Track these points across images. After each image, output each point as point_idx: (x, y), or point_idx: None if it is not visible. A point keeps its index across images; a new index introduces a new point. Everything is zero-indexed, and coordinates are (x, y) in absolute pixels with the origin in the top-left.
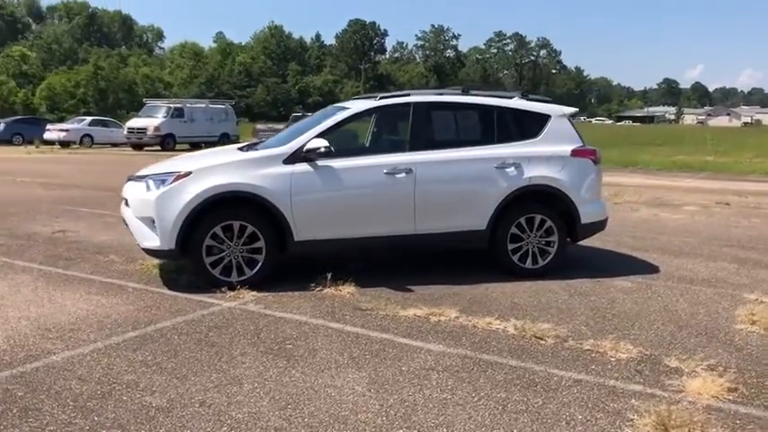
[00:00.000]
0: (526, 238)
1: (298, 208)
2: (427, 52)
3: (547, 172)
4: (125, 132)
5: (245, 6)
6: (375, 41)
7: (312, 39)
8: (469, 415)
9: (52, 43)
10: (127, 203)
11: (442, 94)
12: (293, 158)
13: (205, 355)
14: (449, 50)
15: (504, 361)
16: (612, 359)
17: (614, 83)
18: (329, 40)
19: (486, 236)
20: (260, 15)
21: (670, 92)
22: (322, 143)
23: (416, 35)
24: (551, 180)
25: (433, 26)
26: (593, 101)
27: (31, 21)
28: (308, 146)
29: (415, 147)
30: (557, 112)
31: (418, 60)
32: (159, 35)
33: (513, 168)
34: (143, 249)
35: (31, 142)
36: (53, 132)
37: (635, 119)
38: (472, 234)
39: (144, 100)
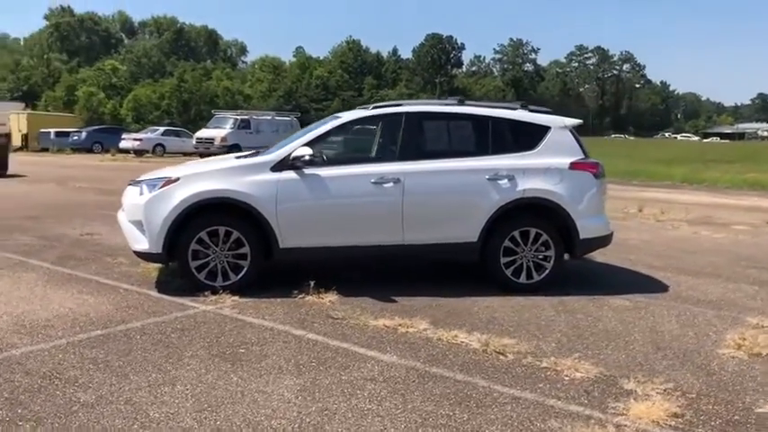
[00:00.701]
0: (520, 251)
1: (283, 215)
2: (505, 66)
3: (542, 185)
4: (194, 142)
5: (324, 22)
6: (452, 55)
7: (389, 53)
8: (384, 426)
9: (142, 57)
10: (123, 207)
11: (436, 105)
12: (280, 166)
13: (156, 356)
14: (527, 64)
15: (452, 375)
16: (566, 378)
17: (703, 98)
18: (406, 54)
19: (477, 248)
20: (339, 30)
21: (764, 108)
22: (306, 151)
23: (494, 49)
24: (547, 193)
25: (511, 39)
26: (679, 116)
27: (123, 36)
28: (294, 154)
29: (405, 156)
30: (557, 123)
31: (496, 74)
32: (243, 50)
33: (506, 180)
34: (134, 252)
35: (108, 150)
36: (128, 141)
37: (723, 135)
38: (463, 246)
39: (213, 111)
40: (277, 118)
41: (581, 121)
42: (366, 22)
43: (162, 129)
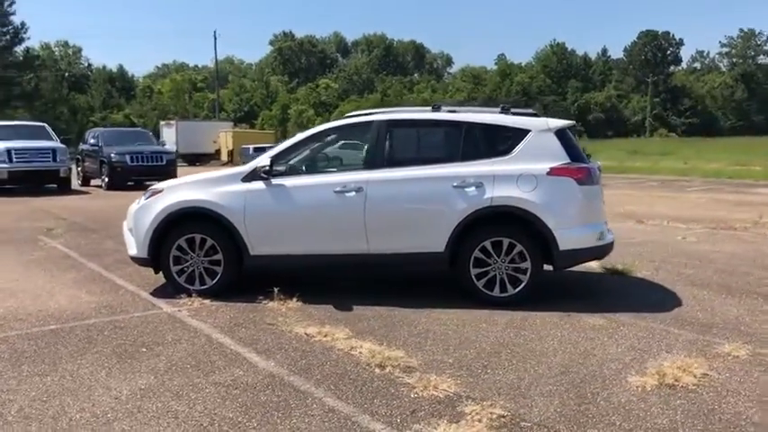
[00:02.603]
0: (493, 263)
1: (251, 224)
2: (734, 60)
3: (514, 192)
4: None
5: (527, 26)
6: (669, 52)
7: (598, 54)
8: (166, 426)
9: (353, 74)
10: None
11: (408, 112)
12: (250, 177)
13: (65, 350)
14: (761, 56)
15: (300, 384)
16: (411, 395)
17: None
18: (616, 53)
19: (445, 259)
20: (542, 35)
21: None
22: (266, 162)
23: (720, 42)
24: (517, 200)
25: (741, 30)
26: None
27: (339, 56)
28: (258, 164)
29: (370, 165)
30: (539, 126)
31: (723, 69)
32: (448, 61)
33: (473, 188)
34: (129, 256)
35: None
36: None
37: None
38: (429, 256)
39: None
40: None
41: (571, 122)
42: (572, 24)
43: (341, 142)
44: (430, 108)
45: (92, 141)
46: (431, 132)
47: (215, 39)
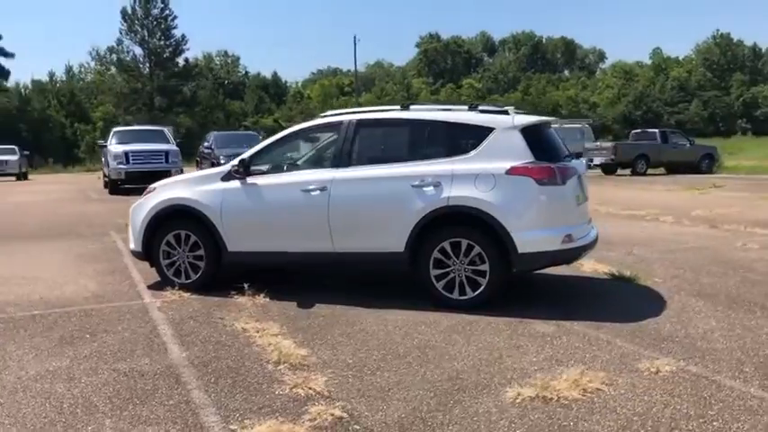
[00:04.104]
0: (452, 264)
1: (227, 221)
2: None
3: (470, 192)
4: None
5: (686, 17)
6: None
7: None
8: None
9: (498, 74)
10: None
11: (377, 112)
12: (228, 176)
13: (23, 334)
14: None
15: (186, 374)
16: (278, 392)
17: None
18: None
19: (405, 259)
20: (703, 25)
21: None
22: (235, 161)
23: None
24: (473, 201)
25: None
26: None
27: (485, 55)
28: (233, 164)
29: (336, 164)
30: (503, 124)
31: None
32: (601, 56)
33: (431, 187)
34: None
35: None
36: None
37: None
38: (390, 256)
39: None
40: (566, 126)
41: (543, 119)
42: (738, 13)
43: None
44: (399, 107)
45: (207, 144)
46: (397, 132)
47: (354, 44)
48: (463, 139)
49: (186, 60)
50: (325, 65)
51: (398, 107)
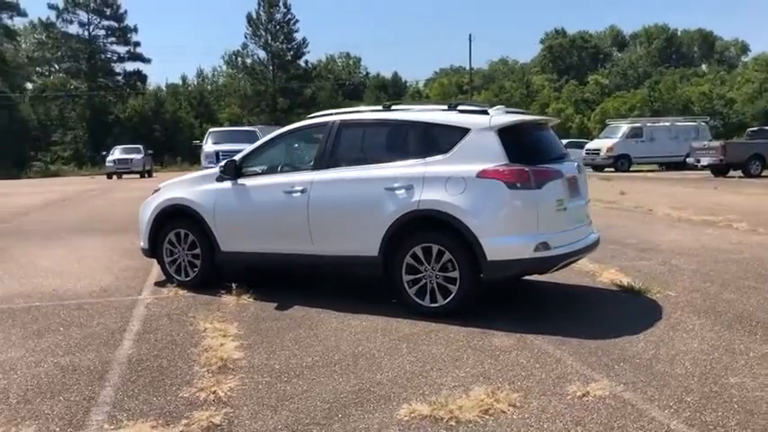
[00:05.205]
0: (424, 270)
1: (219, 221)
2: None
3: (440, 195)
4: (583, 153)
5: None
6: None
7: None
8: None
9: (627, 69)
10: None
11: (359, 112)
12: (221, 177)
13: (7, 323)
14: None
15: (112, 371)
16: (186, 394)
17: None
18: None
19: (379, 263)
20: None
21: None
22: (221, 163)
23: None
24: (443, 205)
25: None
26: None
27: (614, 50)
28: (221, 165)
29: (318, 166)
30: (479, 125)
31: None
32: (743, 49)
33: (403, 190)
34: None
35: None
36: None
37: None
38: (365, 260)
39: (607, 121)
40: (678, 124)
41: (525, 119)
42: None
43: (565, 141)
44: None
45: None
46: (376, 133)
47: (470, 42)
48: (439, 141)
49: (306, 63)
50: (448, 64)
51: (380, 108)
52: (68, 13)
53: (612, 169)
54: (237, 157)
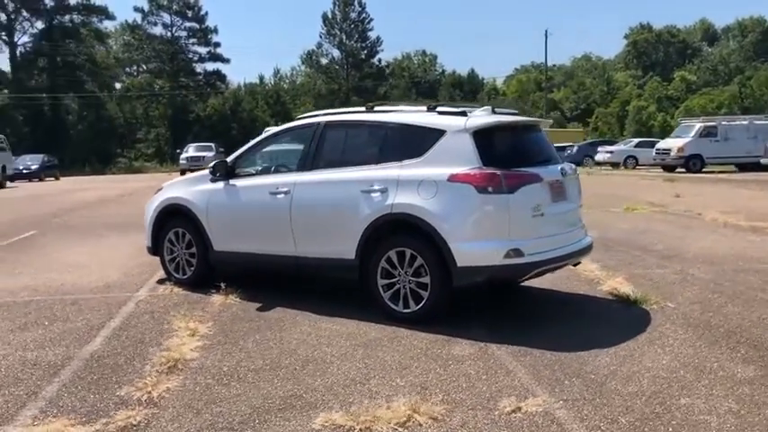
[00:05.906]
0: (398, 275)
1: (212, 221)
2: None
3: (412, 199)
4: (653, 153)
5: None
6: None
7: None
8: None
9: (718, 64)
10: None
11: (343, 114)
12: (214, 178)
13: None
14: None
15: (71, 366)
16: (122, 393)
17: None
18: None
19: (355, 267)
20: None
21: None
22: (211, 164)
23: None
24: (414, 208)
25: None
26: None
27: (704, 44)
28: (209, 166)
29: (302, 168)
30: (454, 127)
31: None
32: None
33: (378, 193)
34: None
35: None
36: (602, 154)
37: None
38: (342, 263)
39: (679, 120)
40: (756, 122)
41: (502, 120)
42: None
43: (636, 140)
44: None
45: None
46: (357, 134)
47: (546, 38)
48: (416, 143)
49: (380, 61)
50: (529, 60)
51: (363, 108)
52: (153, 15)
53: (684, 170)
54: (230, 158)
